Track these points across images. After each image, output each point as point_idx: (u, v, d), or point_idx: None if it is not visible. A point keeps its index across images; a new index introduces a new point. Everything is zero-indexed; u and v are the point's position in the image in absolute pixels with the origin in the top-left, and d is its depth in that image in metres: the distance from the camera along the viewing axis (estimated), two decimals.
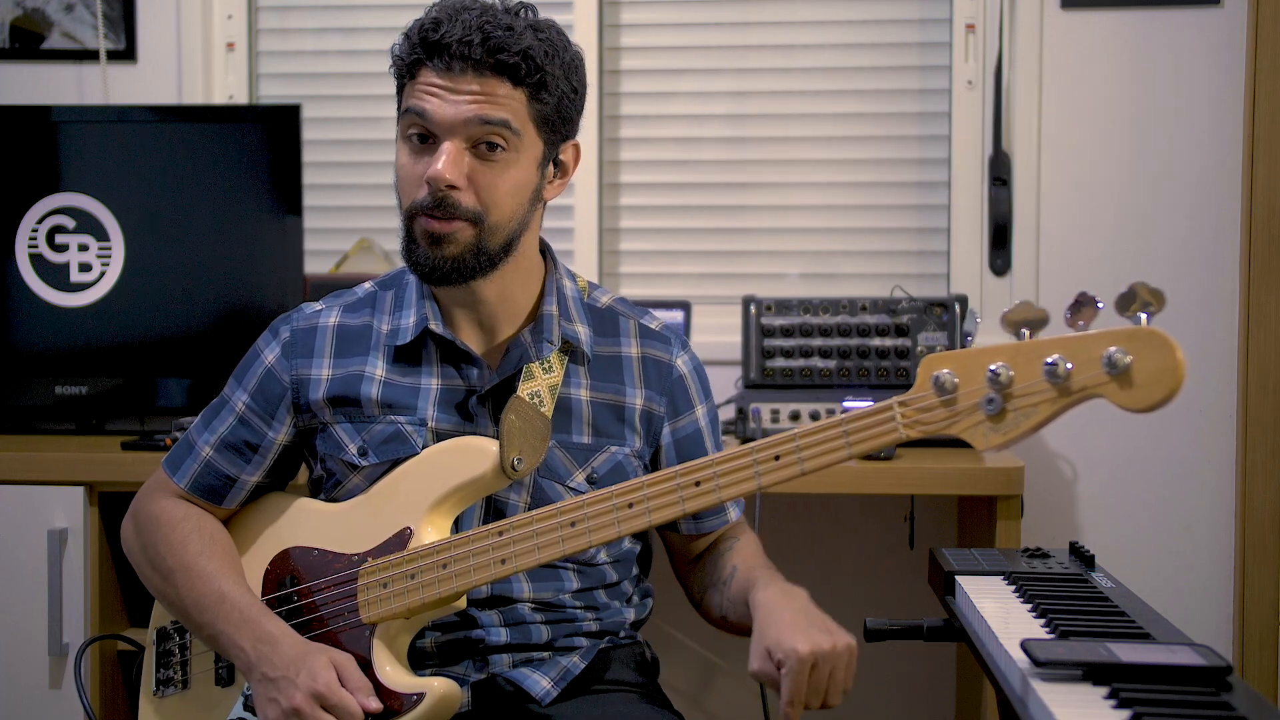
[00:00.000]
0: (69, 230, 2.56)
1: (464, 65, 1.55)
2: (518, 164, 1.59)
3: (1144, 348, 1.19)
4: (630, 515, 1.47)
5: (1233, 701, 1.11)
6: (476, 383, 1.65)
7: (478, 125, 1.55)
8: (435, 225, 1.57)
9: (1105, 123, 2.67)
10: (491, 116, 1.55)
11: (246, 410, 1.70)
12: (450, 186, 1.56)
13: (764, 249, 2.85)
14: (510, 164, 1.58)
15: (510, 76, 1.56)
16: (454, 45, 1.54)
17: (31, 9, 2.88)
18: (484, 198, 1.58)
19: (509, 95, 1.56)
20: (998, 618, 1.37)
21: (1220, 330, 2.62)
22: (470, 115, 1.55)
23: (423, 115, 1.57)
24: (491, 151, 1.57)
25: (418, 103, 1.57)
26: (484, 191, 1.58)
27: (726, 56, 2.86)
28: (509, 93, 1.56)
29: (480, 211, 1.58)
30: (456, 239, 1.58)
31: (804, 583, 1.60)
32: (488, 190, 1.58)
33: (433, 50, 1.56)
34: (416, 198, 1.58)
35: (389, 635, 1.58)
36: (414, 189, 1.59)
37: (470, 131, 1.56)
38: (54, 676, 2.30)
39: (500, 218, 1.59)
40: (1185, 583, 2.63)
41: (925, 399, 1.33)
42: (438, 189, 1.56)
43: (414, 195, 1.59)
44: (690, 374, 1.74)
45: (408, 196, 1.60)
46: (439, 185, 1.56)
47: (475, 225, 1.58)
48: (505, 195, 1.59)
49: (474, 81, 1.55)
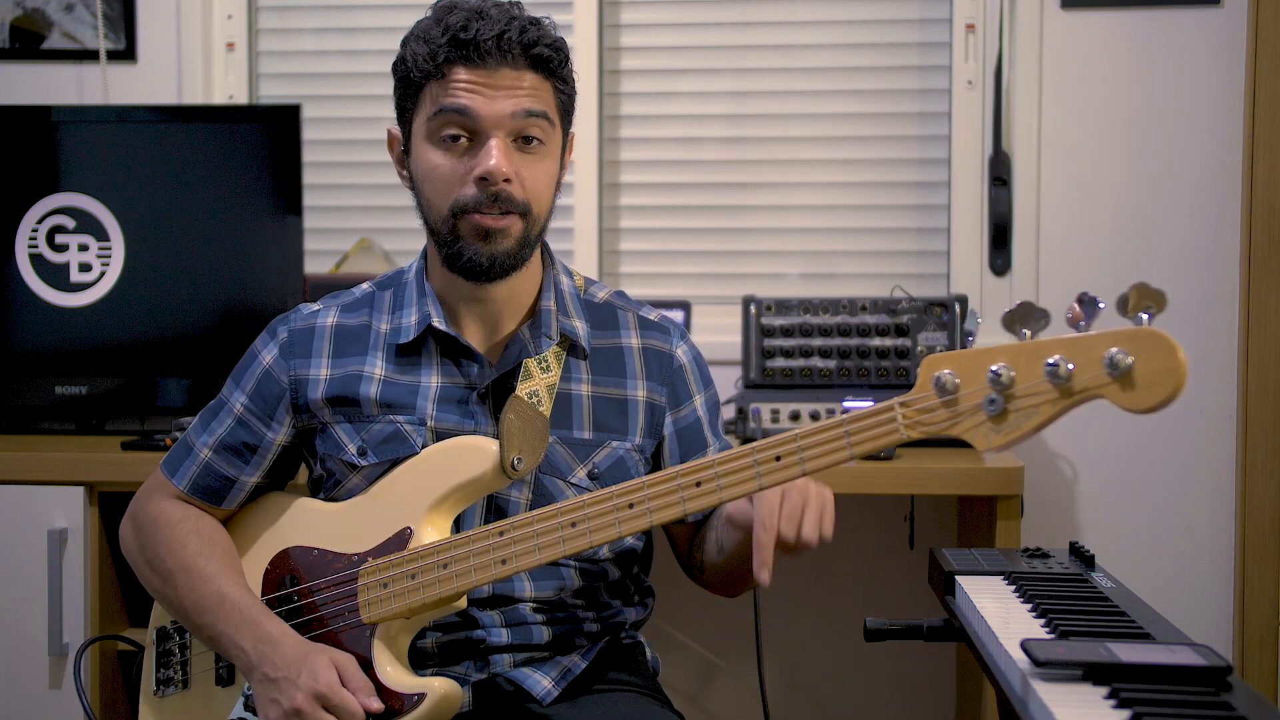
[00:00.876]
0: (69, 230, 2.56)
1: (500, 60, 1.56)
2: (551, 155, 1.62)
3: (1145, 349, 1.19)
4: (631, 515, 1.47)
5: (1233, 701, 1.11)
6: (476, 379, 1.65)
7: (523, 118, 1.57)
8: (490, 221, 1.58)
9: (1105, 123, 2.67)
10: (534, 108, 1.58)
11: (245, 411, 1.70)
12: (505, 180, 1.57)
13: (764, 249, 2.85)
14: (545, 155, 1.61)
15: (543, 69, 1.58)
16: (491, 41, 1.55)
17: (31, 9, 2.88)
18: (529, 190, 1.60)
19: (542, 87, 1.59)
20: (998, 618, 1.37)
21: (1220, 330, 2.62)
22: (515, 108, 1.56)
23: (464, 112, 1.57)
24: (529, 144, 1.59)
25: (456, 100, 1.57)
26: (529, 184, 1.59)
27: (726, 56, 2.86)
28: (541, 84, 1.59)
29: (528, 204, 1.59)
30: (510, 233, 1.59)
31: (804, 583, 1.60)
32: (532, 183, 1.60)
33: (468, 48, 1.56)
34: (461, 196, 1.58)
35: (389, 635, 1.58)
36: (455, 188, 1.58)
37: (514, 125, 1.57)
38: (54, 676, 2.30)
39: (541, 209, 1.62)
40: (1185, 583, 2.63)
41: (926, 399, 1.33)
42: (495, 183, 1.56)
43: (456, 194, 1.58)
44: (690, 363, 1.75)
45: (447, 197, 1.59)
46: (497, 179, 1.56)
47: (524, 218, 1.60)
48: (546, 187, 1.62)
49: (511, 76, 1.57)
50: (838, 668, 2.75)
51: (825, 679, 2.76)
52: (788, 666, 2.76)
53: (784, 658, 2.75)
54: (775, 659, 2.72)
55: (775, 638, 2.70)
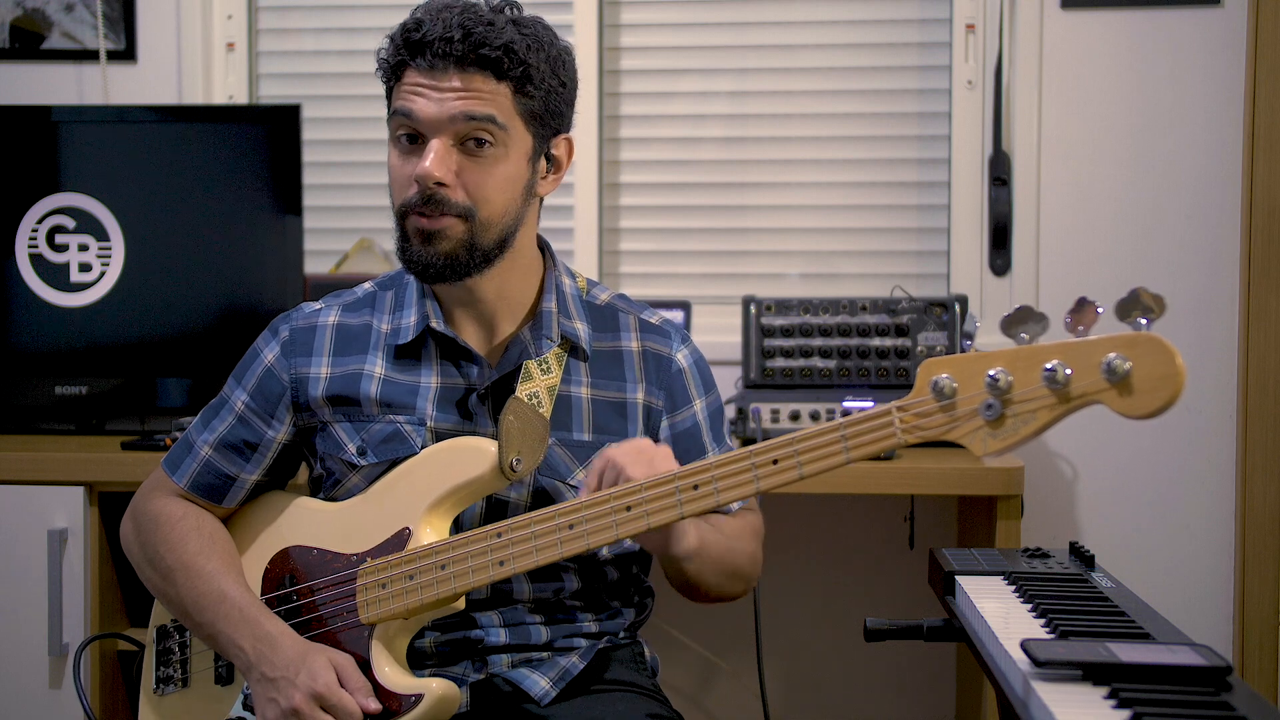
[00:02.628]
0: (69, 230, 2.57)
1: (446, 62, 1.56)
2: (507, 159, 1.60)
3: (1144, 354, 1.19)
4: (628, 519, 1.47)
5: (1233, 701, 1.10)
6: (476, 381, 1.65)
7: (463, 121, 1.56)
8: (425, 222, 1.58)
9: (1105, 123, 2.67)
10: (476, 112, 1.56)
11: (246, 409, 1.70)
12: (438, 184, 1.57)
13: (764, 249, 2.85)
14: (499, 159, 1.59)
15: (494, 71, 1.57)
16: (435, 43, 1.55)
17: (31, 9, 2.88)
18: (474, 193, 1.59)
19: (493, 90, 1.57)
20: (998, 618, 1.36)
21: (1220, 330, 2.62)
22: (455, 112, 1.56)
23: (409, 115, 1.58)
24: (479, 147, 1.58)
25: (404, 103, 1.58)
26: (473, 188, 1.59)
27: (726, 56, 2.86)
28: (493, 88, 1.57)
29: (471, 207, 1.58)
30: (448, 235, 1.59)
31: (804, 583, 1.60)
32: (477, 186, 1.59)
33: (415, 50, 1.57)
34: (407, 196, 1.59)
35: (387, 636, 1.58)
36: (404, 188, 1.60)
37: (457, 128, 1.57)
38: (54, 676, 2.30)
39: (491, 213, 1.60)
40: (1185, 583, 2.63)
41: (924, 404, 1.32)
42: (426, 186, 1.57)
43: (404, 195, 1.60)
44: (690, 368, 1.74)
45: (399, 196, 1.61)
46: (427, 183, 1.57)
47: (466, 221, 1.59)
48: (495, 191, 1.60)
49: (457, 78, 1.56)
50: (838, 668, 2.75)
51: (825, 679, 2.76)
52: (788, 666, 2.76)
53: (784, 658, 2.75)
54: (775, 659, 2.72)
55: (775, 638, 2.71)
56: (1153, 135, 2.65)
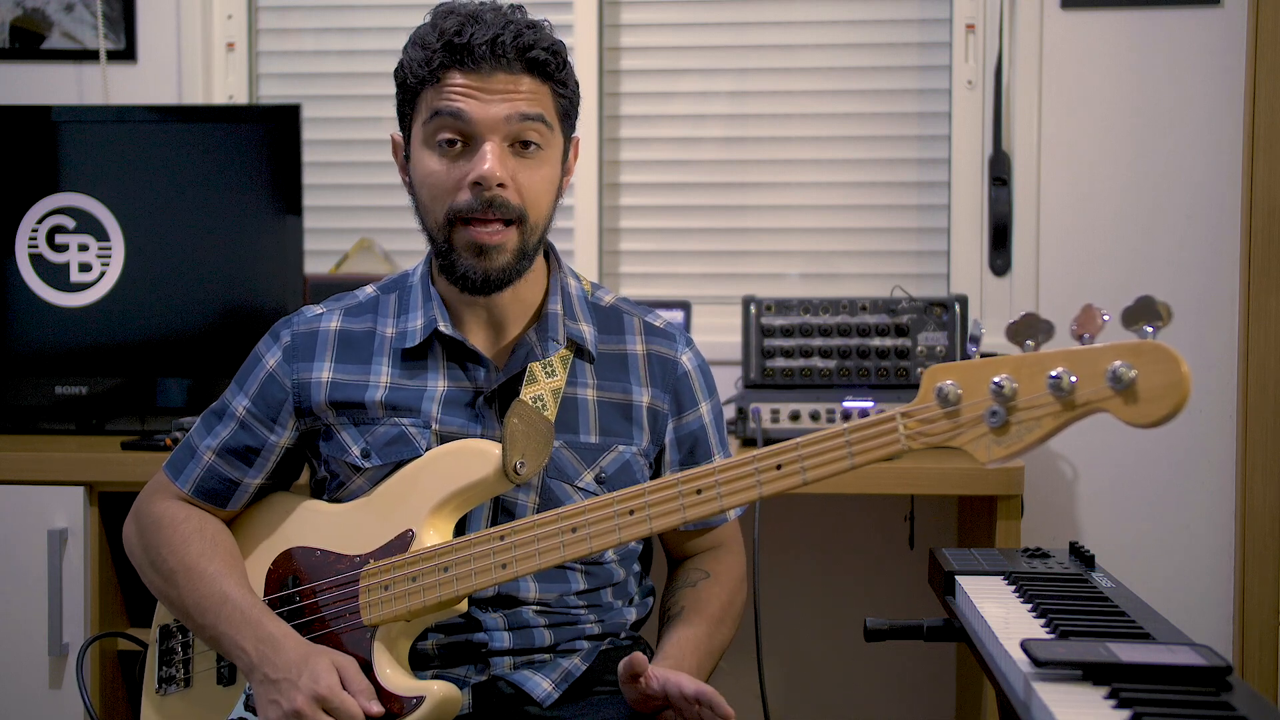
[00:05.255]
0: (69, 230, 2.56)
1: (494, 64, 1.55)
2: (550, 160, 1.61)
3: (1149, 362, 1.19)
4: (631, 522, 1.47)
5: (1233, 701, 1.11)
6: (483, 383, 1.65)
7: (518, 121, 1.56)
8: (485, 236, 1.57)
9: (1105, 123, 2.67)
10: (530, 112, 1.56)
11: (248, 415, 1.70)
12: (499, 185, 1.55)
13: (764, 249, 2.85)
14: (544, 160, 1.60)
15: (539, 72, 1.57)
16: (485, 45, 1.54)
17: (31, 9, 2.88)
18: (526, 196, 1.58)
19: (539, 91, 1.58)
20: (998, 618, 1.37)
21: (1220, 331, 2.62)
22: (510, 112, 1.55)
23: (458, 116, 1.56)
24: (526, 149, 1.58)
25: (450, 104, 1.56)
26: (525, 190, 1.58)
27: (726, 56, 2.86)
28: (538, 88, 1.58)
29: (524, 210, 1.58)
30: (505, 248, 1.58)
31: (804, 582, 1.61)
32: (529, 188, 1.58)
33: (461, 52, 1.55)
34: (456, 202, 1.57)
35: (390, 638, 1.58)
36: (451, 194, 1.58)
37: (510, 129, 1.56)
38: (54, 676, 2.30)
39: (539, 216, 1.60)
40: (1185, 583, 2.64)
41: (928, 410, 1.32)
42: (489, 188, 1.55)
43: (451, 200, 1.57)
44: (695, 371, 1.74)
45: (443, 202, 1.58)
46: (491, 184, 1.55)
47: (520, 227, 1.58)
48: (542, 193, 1.60)
49: (506, 80, 1.56)
50: (838, 668, 2.75)
51: (825, 679, 2.77)
52: (788, 666, 2.76)
53: (784, 658, 2.75)
54: (775, 659, 2.72)
55: (775, 638, 2.71)
56: (1153, 135, 2.66)
